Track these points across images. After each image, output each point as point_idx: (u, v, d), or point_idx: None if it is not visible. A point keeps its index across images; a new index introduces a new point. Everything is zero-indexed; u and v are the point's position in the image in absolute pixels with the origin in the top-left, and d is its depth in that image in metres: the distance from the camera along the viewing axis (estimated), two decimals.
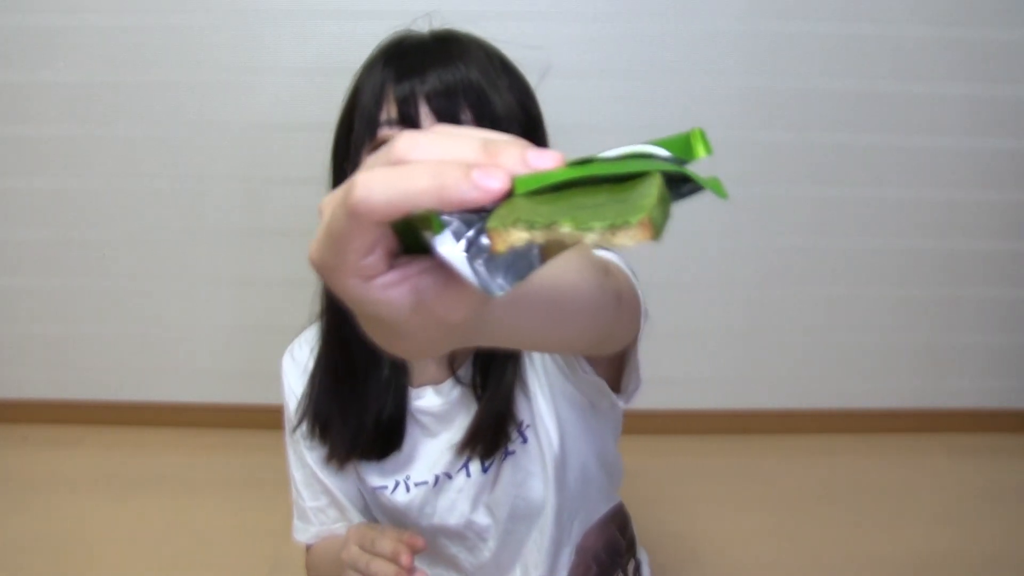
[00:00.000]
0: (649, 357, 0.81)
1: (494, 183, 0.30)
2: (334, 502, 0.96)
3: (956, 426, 2.14)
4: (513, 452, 0.89)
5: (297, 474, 0.98)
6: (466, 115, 0.73)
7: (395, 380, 0.87)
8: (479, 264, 0.32)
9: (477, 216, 0.32)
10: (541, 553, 0.92)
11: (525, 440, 0.89)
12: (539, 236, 0.30)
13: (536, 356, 0.87)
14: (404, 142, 0.32)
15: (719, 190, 0.35)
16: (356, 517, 0.95)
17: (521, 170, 0.31)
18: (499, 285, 0.32)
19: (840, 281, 2.03)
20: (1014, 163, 1.94)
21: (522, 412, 0.87)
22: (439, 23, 0.82)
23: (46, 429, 2.09)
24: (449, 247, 0.32)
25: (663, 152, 0.35)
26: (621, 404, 0.83)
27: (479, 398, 0.86)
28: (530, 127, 0.79)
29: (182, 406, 2.11)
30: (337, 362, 0.87)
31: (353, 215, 0.31)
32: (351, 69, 2.10)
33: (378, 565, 0.75)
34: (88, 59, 1.83)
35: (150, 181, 1.93)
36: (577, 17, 1.80)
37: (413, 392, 0.89)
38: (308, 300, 2.17)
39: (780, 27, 1.82)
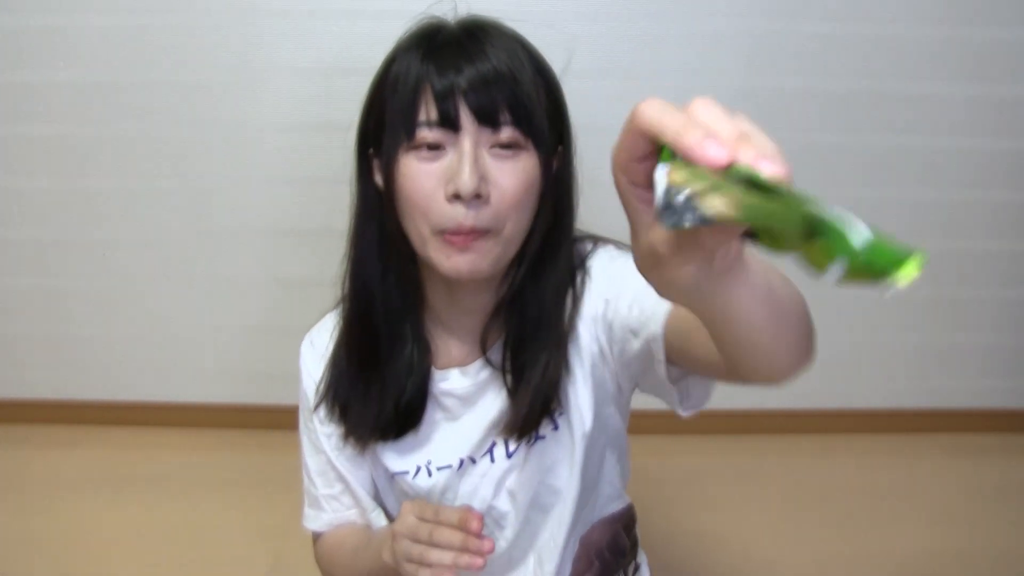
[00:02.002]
0: None
1: (714, 155, 0.37)
2: (348, 489, 0.95)
3: (956, 426, 2.14)
4: (543, 437, 0.88)
5: (311, 461, 0.97)
6: (504, 114, 0.73)
7: (419, 362, 0.86)
8: (667, 200, 0.39)
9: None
10: (556, 544, 0.92)
11: (556, 427, 0.88)
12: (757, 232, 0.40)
13: (584, 339, 0.85)
14: (702, 107, 0.40)
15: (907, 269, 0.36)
16: (369, 504, 0.95)
17: (746, 161, 0.37)
18: (669, 219, 0.39)
19: None
20: (1014, 163, 1.94)
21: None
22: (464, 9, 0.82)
23: (46, 429, 2.09)
24: (661, 173, 0.39)
25: (864, 229, 0.36)
26: (683, 414, 0.80)
27: (514, 381, 0.85)
28: (556, 118, 0.80)
29: (182, 406, 2.11)
30: (360, 344, 0.87)
31: (630, 119, 0.40)
32: (351, 69, 2.09)
33: (443, 533, 0.74)
34: (88, 59, 1.83)
35: (150, 181, 1.93)
36: (576, 17, 1.80)
37: (438, 374, 0.88)
38: (307, 300, 2.17)
39: (780, 27, 1.82)
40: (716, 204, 0.37)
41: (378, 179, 0.81)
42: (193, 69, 1.84)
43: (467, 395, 0.89)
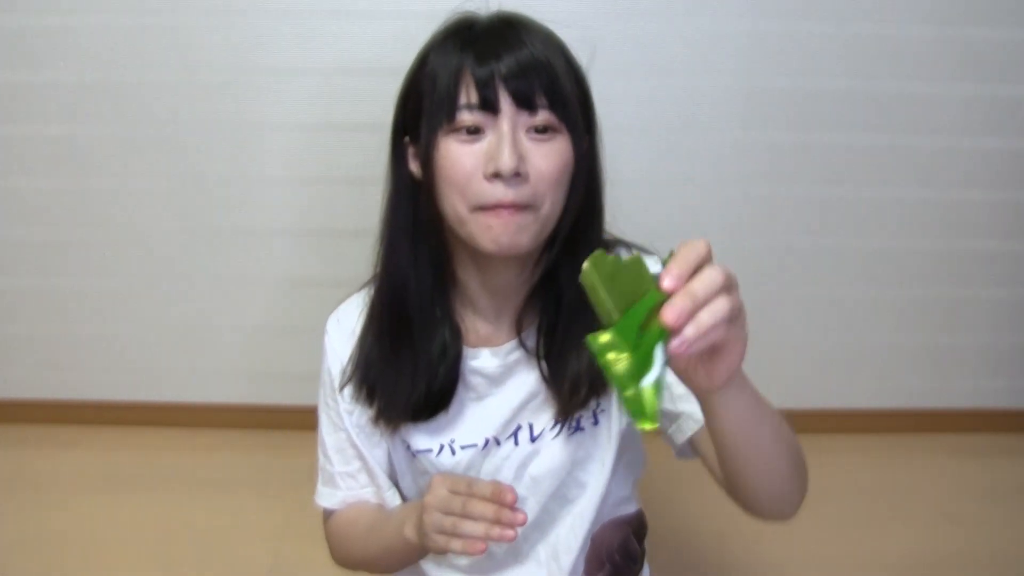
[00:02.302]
0: None
1: (666, 281, 0.51)
2: (365, 467, 0.95)
3: (956, 426, 2.14)
4: (583, 429, 0.90)
5: (329, 439, 0.96)
6: (540, 98, 0.76)
7: (452, 344, 0.88)
8: None
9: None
10: (576, 538, 0.93)
11: (596, 422, 0.91)
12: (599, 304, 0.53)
13: None
14: (713, 266, 0.54)
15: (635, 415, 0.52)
16: (385, 483, 0.95)
17: (672, 300, 0.50)
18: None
19: (841, 281, 2.03)
20: (1014, 163, 1.94)
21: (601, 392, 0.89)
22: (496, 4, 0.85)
23: (46, 429, 2.09)
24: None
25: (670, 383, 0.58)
26: (677, 457, 0.91)
27: (552, 367, 0.87)
28: (586, 106, 0.83)
29: (182, 406, 2.11)
30: (392, 328, 0.88)
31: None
32: (350, 69, 2.09)
33: (476, 505, 0.74)
34: (88, 59, 1.83)
35: (150, 181, 1.93)
36: (576, 17, 1.80)
37: (468, 352, 0.89)
38: (307, 299, 2.17)
39: (780, 27, 1.82)
40: (584, 263, 0.52)
41: (413, 167, 0.83)
42: (193, 69, 1.84)
43: (495, 376, 0.89)
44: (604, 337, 0.51)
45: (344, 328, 0.93)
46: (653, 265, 0.52)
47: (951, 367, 2.12)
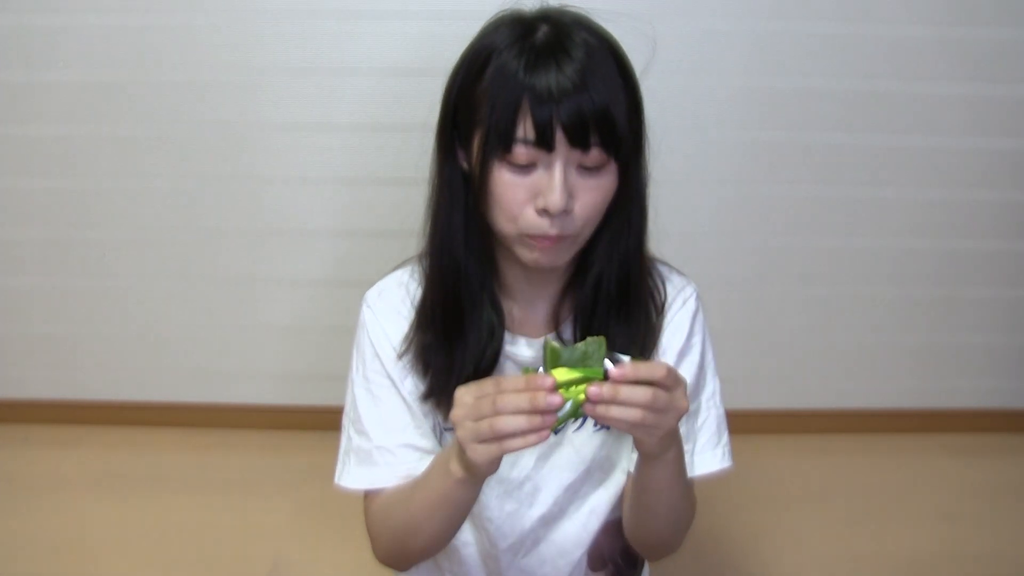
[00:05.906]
0: None
1: (613, 374, 0.69)
2: (407, 442, 0.91)
3: (956, 426, 2.14)
4: (608, 428, 0.92)
5: (368, 413, 0.92)
6: (594, 137, 0.77)
7: (499, 327, 0.90)
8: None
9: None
10: (588, 533, 0.96)
11: None
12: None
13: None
14: (646, 393, 0.69)
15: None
16: (433, 447, 0.92)
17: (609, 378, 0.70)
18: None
19: (840, 281, 2.03)
20: (1014, 163, 1.94)
21: None
22: None
23: (47, 429, 2.09)
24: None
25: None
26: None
27: None
28: (638, 127, 0.86)
29: (182, 406, 2.11)
30: (447, 314, 0.89)
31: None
32: (351, 69, 2.09)
33: (507, 398, 0.69)
34: (88, 59, 1.83)
35: (150, 181, 1.93)
36: None
37: (507, 336, 0.91)
38: (308, 300, 2.16)
39: (780, 27, 1.82)
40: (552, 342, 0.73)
41: (463, 163, 0.85)
42: (193, 69, 1.84)
43: (529, 365, 0.91)
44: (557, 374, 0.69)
45: (388, 302, 0.93)
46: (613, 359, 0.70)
47: (951, 367, 2.12)
